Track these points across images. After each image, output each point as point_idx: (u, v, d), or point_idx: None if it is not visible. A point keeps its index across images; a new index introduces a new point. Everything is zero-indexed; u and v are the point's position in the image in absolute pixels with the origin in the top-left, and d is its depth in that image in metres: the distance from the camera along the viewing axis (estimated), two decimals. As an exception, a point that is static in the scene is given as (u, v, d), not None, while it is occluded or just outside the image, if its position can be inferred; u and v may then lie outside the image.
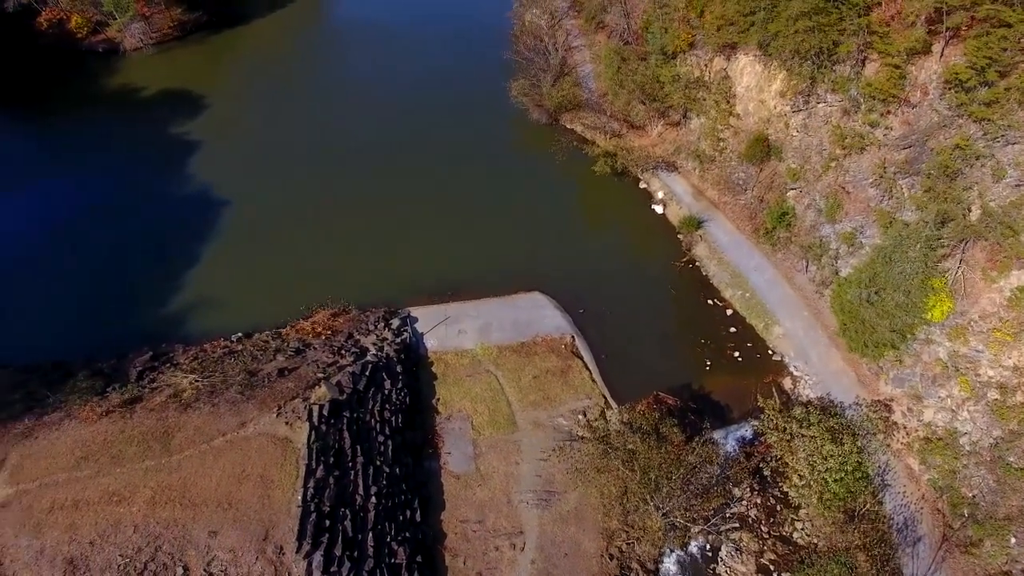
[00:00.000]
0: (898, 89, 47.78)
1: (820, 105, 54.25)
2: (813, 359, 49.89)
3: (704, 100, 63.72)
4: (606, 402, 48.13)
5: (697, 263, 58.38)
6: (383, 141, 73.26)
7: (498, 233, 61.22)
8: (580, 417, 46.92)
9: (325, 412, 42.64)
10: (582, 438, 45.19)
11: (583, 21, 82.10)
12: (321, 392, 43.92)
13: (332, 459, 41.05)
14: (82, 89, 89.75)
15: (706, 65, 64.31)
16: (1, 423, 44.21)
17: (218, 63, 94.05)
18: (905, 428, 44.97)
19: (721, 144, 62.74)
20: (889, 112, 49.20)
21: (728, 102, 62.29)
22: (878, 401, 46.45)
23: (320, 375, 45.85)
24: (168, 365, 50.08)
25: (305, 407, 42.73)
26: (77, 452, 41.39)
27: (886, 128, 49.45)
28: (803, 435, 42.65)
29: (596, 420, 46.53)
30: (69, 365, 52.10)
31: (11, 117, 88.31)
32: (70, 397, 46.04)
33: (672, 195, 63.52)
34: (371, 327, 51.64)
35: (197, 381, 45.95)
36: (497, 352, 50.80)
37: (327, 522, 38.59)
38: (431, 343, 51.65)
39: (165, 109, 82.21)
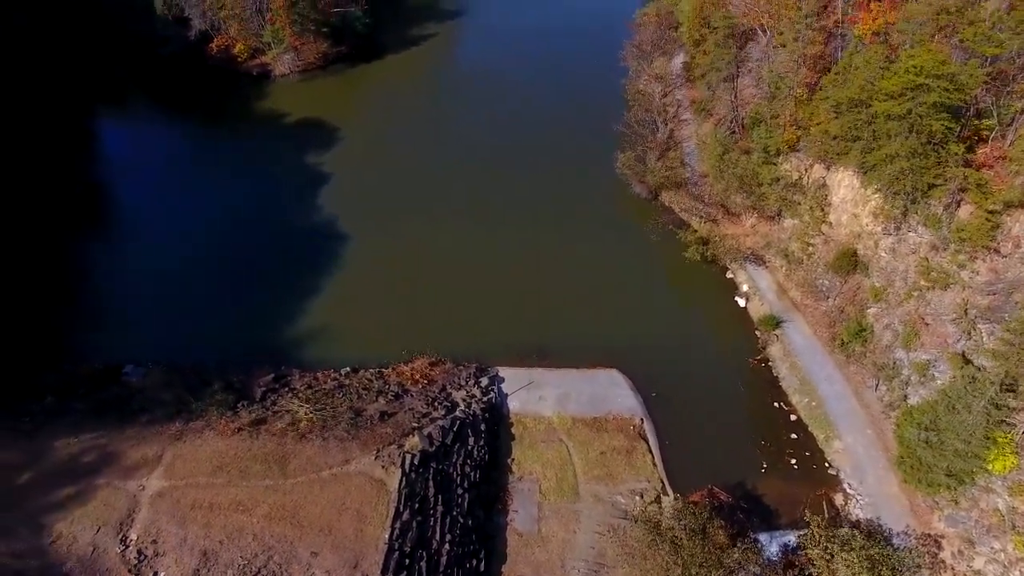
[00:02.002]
0: (989, 239, 49.60)
1: (911, 234, 56.32)
2: (869, 480, 52.35)
3: (799, 204, 66.52)
4: (663, 487, 52.51)
5: (770, 363, 61.53)
6: (490, 193, 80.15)
7: (586, 302, 66.38)
8: (637, 499, 51.55)
9: (415, 461, 49.38)
10: (636, 520, 49.85)
11: (695, 108, 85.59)
12: (414, 442, 50.72)
13: (417, 505, 47.69)
14: (237, 108, 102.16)
15: (806, 170, 67.06)
16: (159, 421, 53.79)
17: (353, 95, 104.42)
18: (953, 570, 46.90)
19: (810, 249, 65.44)
20: (977, 257, 50.99)
21: (823, 210, 64.91)
22: (929, 535, 48.54)
23: (414, 424, 52.71)
24: (286, 389, 58.50)
25: (399, 454, 49.64)
26: (215, 461, 49.97)
27: (973, 271, 51.24)
28: (844, 558, 45.65)
29: (651, 504, 51.03)
30: (206, 372, 61.56)
31: (183, 123, 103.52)
32: (209, 408, 54.97)
33: (756, 289, 66.76)
34: (462, 382, 58.17)
35: (311, 413, 53.83)
36: (571, 423, 56.13)
37: (407, 561, 45.20)
38: (513, 404, 57.60)
39: (304, 137, 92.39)
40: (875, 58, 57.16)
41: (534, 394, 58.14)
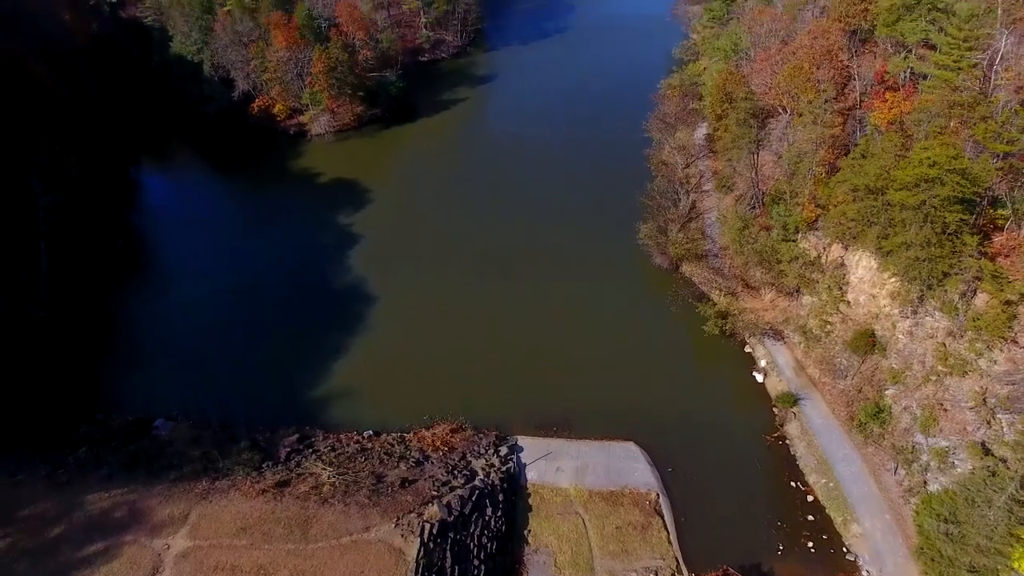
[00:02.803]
0: (1006, 330, 50.26)
1: (928, 318, 57.07)
2: (888, 568, 51.88)
3: (818, 282, 67.68)
4: (678, 566, 52.53)
5: (787, 440, 61.74)
6: (513, 257, 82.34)
7: (605, 371, 67.40)
8: (652, 576, 51.72)
9: (434, 531, 50.26)
10: (650, 599, 49.91)
11: (717, 180, 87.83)
12: (433, 511, 51.68)
13: (434, 575, 48.38)
14: (275, 165, 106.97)
15: (824, 248, 68.45)
16: (186, 479, 55.47)
17: (385, 156, 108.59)
18: (973, 668, 46.13)
19: (828, 327, 66.22)
20: (995, 346, 51.54)
21: (840, 289, 65.95)
22: (948, 629, 47.88)
23: (434, 493, 53.73)
24: (310, 451, 60.03)
25: (419, 523, 50.59)
26: (239, 522, 51.30)
27: (991, 360, 51.75)
28: (860, 651, 45.17)
29: (666, 583, 51.12)
30: (233, 429, 63.53)
31: (222, 178, 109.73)
32: (235, 467, 56.61)
33: (774, 365, 67.43)
34: (482, 450, 59.21)
35: (334, 476, 55.17)
36: (588, 496, 56.67)
37: (422, 633, 45.74)
38: (531, 475, 58.36)
39: (337, 196, 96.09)
40: (890, 147, 59.05)
41: (552, 465, 58.90)
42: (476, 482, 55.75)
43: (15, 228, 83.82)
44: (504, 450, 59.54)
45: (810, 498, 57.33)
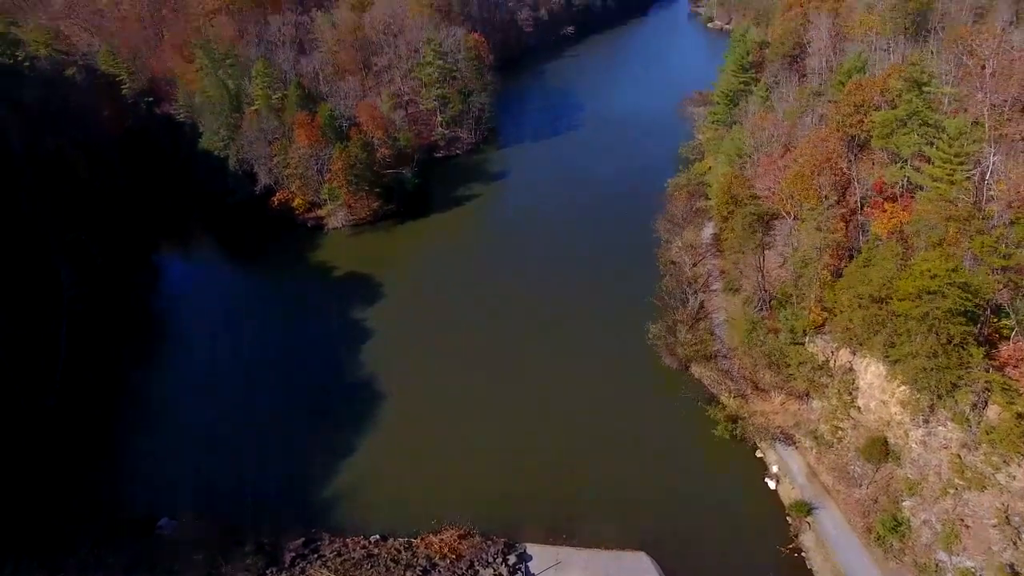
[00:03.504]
0: (1021, 444, 49.83)
1: (940, 428, 56.71)
2: None
3: (827, 386, 67.70)
4: None
5: (803, 552, 59.96)
6: (522, 356, 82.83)
7: (613, 474, 66.54)
8: None
9: (439, 649, 48.63)
10: None
11: (724, 281, 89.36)
12: (439, 626, 50.18)
13: None
14: (291, 257, 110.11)
15: (832, 353, 68.86)
16: (187, 587, 54.56)
17: (399, 251, 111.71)
18: None
19: (840, 432, 65.69)
20: (1012, 460, 50.95)
21: (850, 394, 65.88)
22: None
23: (440, 606, 52.33)
24: (316, 555, 59.05)
25: (423, 640, 49.03)
26: (238, 636, 49.98)
27: (1009, 475, 51.02)
28: None
29: None
30: (238, 530, 62.71)
31: (240, 267, 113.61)
32: (238, 573, 55.66)
33: (787, 471, 66.43)
34: (490, 559, 57.95)
35: (339, 585, 53.99)
36: (597, 611, 54.95)
37: None
38: (539, 586, 56.86)
39: (350, 290, 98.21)
40: (891, 256, 60.56)
41: (561, 576, 57.47)
42: (483, 594, 54.30)
43: (39, 317, 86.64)
44: (512, 559, 58.26)
45: (829, 618, 55.25)
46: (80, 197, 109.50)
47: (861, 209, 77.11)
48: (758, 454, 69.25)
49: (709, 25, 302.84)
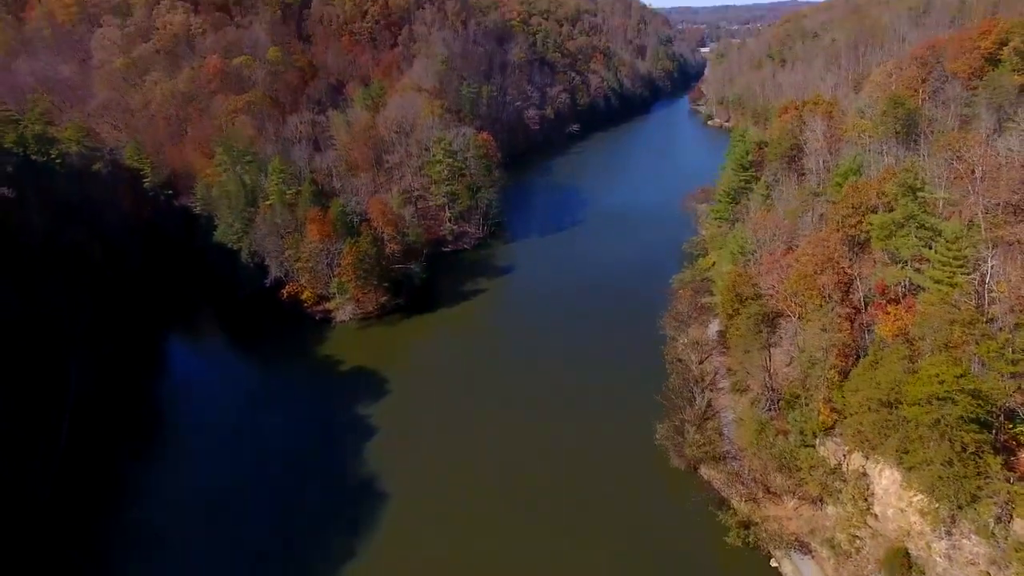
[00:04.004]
0: (1048, 563, 47.84)
1: (965, 541, 54.59)
2: None
3: (841, 492, 65.77)
4: None
5: (826, 676, 56.54)
6: (526, 455, 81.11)
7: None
8: None
9: None
10: None
11: (732, 380, 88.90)
12: None
13: None
14: (298, 349, 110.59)
15: (844, 456, 67.36)
16: None
17: (405, 346, 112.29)
18: None
19: (857, 541, 63.18)
20: (1041, 579, 48.75)
21: (865, 500, 63.81)
22: None
23: None
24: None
25: None
26: None
27: (1040, 596, 48.67)
28: None
29: None
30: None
31: (246, 358, 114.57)
32: None
33: (804, 584, 63.54)
34: None
35: None
36: None
37: None
38: None
39: (356, 385, 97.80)
40: (898, 359, 60.35)
41: None
42: None
43: (43, 407, 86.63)
44: None
45: None
46: (95, 286, 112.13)
47: (865, 308, 77.62)
48: (773, 563, 66.37)
49: (709, 123, 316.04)
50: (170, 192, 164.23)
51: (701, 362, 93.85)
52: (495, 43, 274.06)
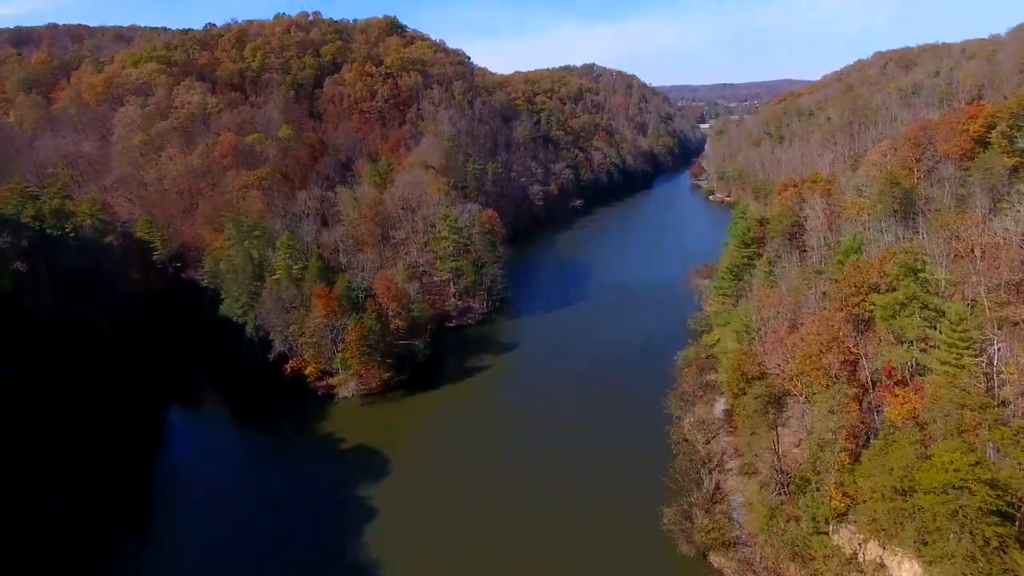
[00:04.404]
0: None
1: (993, 646, 51.92)
2: None
3: (859, 585, 63.26)
4: None
5: None
6: (530, 540, 78.43)
7: None
8: None
9: None
10: None
11: (740, 461, 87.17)
12: None
13: None
14: (300, 425, 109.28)
15: (860, 544, 65.12)
16: None
17: (408, 424, 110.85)
18: None
19: (879, 640, 60.34)
20: None
21: (886, 596, 61.34)
22: None
23: None
24: None
25: None
26: None
27: None
28: None
29: None
30: None
31: (248, 433, 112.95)
32: None
33: None
34: None
35: None
36: None
37: None
38: None
39: (357, 465, 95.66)
40: (909, 445, 59.19)
41: None
42: None
43: (34, 486, 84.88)
44: None
45: None
46: (100, 361, 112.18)
47: (872, 388, 76.83)
48: (790, 663, 63.16)
49: (711, 198, 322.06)
50: (179, 265, 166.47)
51: (708, 442, 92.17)
52: (500, 121, 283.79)
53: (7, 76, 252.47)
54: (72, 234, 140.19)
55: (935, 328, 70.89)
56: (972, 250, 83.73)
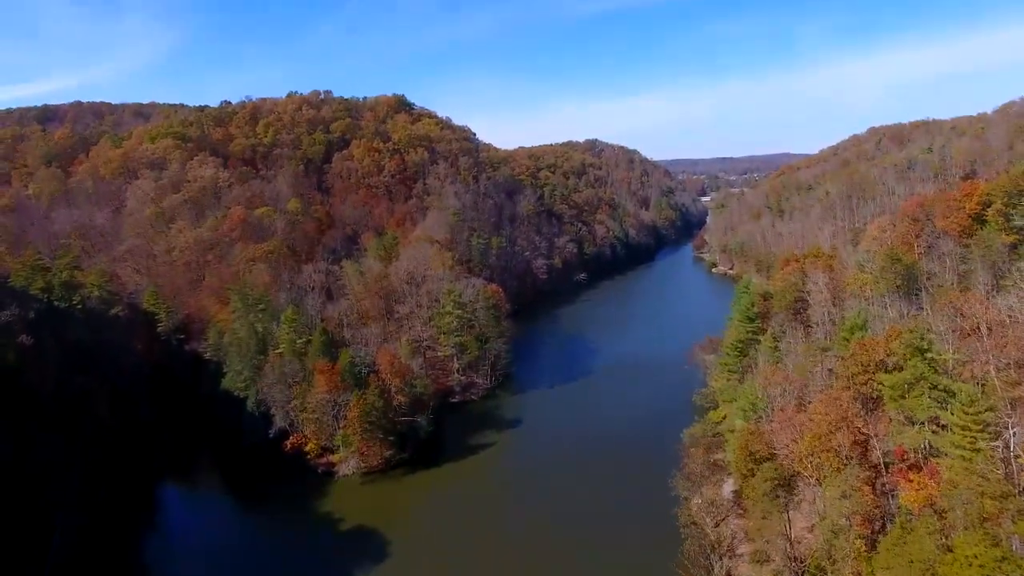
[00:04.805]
0: None
1: None
2: None
3: None
4: None
5: None
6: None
7: None
8: None
9: None
10: None
11: (751, 547, 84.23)
12: None
13: None
14: (299, 502, 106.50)
15: (883, 645, 61.79)
16: None
17: (409, 504, 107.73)
18: None
19: None
20: None
21: None
22: None
23: None
24: None
25: None
26: None
27: None
28: None
29: None
30: None
31: (244, 509, 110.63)
32: None
33: None
34: None
35: None
36: None
37: None
38: None
39: (357, 546, 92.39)
40: (928, 535, 57.11)
41: None
42: None
43: (16, 565, 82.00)
44: None
45: None
46: (97, 435, 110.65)
47: (886, 469, 74.90)
48: None
49: (713, 270, 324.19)
50: (182, 336, 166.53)
51: (717, 525, 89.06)
52: (505, 196, 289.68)
53: (31, 151, 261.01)
54: (79, 306, 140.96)
55: (946, 409, 69.70)
56: (978, 328, 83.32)
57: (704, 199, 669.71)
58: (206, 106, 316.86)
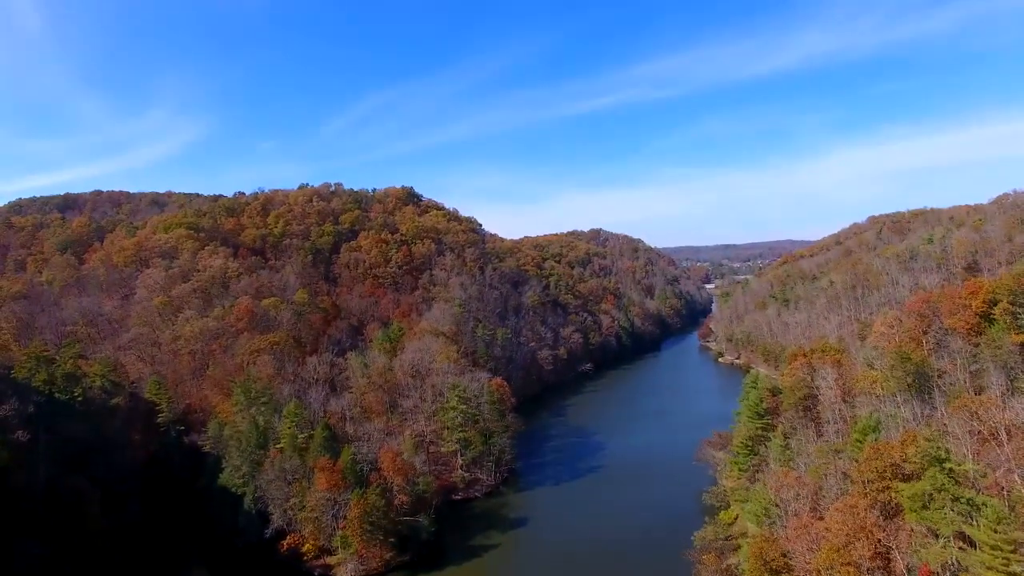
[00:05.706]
0: None
1: None
2: None
3: None
4: None
5: None
6: None
7: None
8: None
9: None
10: None
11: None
12: None
13: None
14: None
15: None
16: None
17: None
18: None
19: None
20: None
21: None
22: None
23: None
24: None
25: None
26: None
27: None
28: None
29: None
30: None
31: None
32: None
33: None
34: None
35: None
36: None
37: None
38: None
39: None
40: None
41: None
42: None
43: None
44: None
45: None
46: (86, 535, 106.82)
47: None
48: None
49: (720, 360, 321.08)
50: (181, 428, 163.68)
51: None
52: (510, 286, 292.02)
53: (48, 238, 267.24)
54: (80, 398, 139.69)
55: (972, 523, 66.90)
56: (996, 433, 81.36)
57: (708, 286, 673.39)
58: (220, 196, 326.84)
